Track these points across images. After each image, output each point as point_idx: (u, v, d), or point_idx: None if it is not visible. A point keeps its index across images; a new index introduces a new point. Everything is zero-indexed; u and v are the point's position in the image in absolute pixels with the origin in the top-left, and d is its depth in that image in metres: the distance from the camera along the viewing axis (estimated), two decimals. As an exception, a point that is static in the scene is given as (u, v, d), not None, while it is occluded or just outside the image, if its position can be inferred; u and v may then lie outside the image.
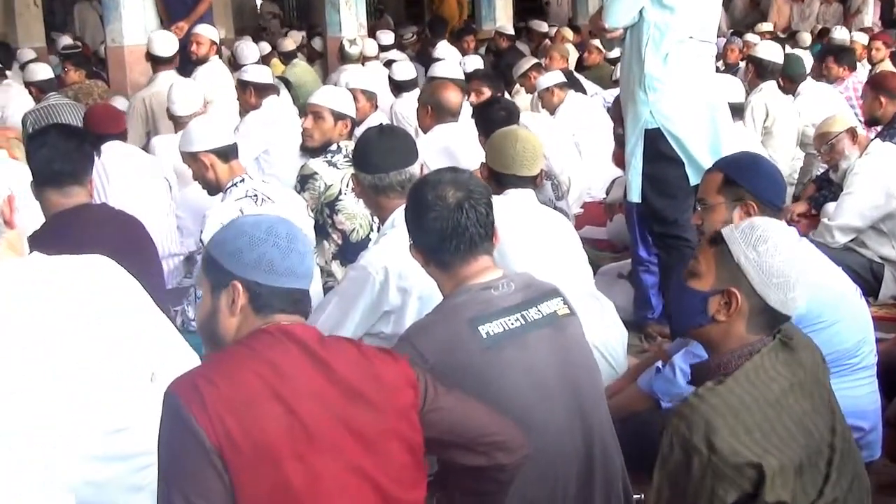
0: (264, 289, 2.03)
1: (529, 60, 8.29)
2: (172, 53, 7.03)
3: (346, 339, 2.19)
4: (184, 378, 1.95)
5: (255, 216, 2.13)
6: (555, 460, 2.40)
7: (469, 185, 2.51)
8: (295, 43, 10.83)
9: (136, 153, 5.03)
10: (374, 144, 3.21)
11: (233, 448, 1.85)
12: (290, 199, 4.19)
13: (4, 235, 2.25)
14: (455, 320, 2.40)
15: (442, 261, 2.50)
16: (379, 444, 2.01)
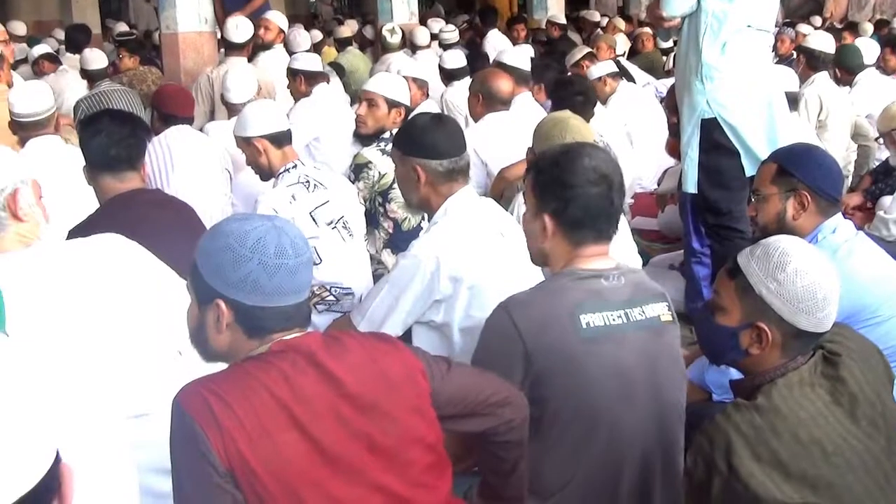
0: (252, 309, 1.93)
1: (582, 50, 8.23)
2: (245, 40, 7.06)
3: (348, 336, 2.09)
4: (193, 390, 1.88)
5: (244, 223, 1.97)
6: (621, 458, 2.39)
7: (619, 169, 2.52)
8: (351, 30, 10.87)
9: (202, 140, 5.05)
10: (437, 130, 3.16)
11: (248, 474, 1.82)
12: (342, 185, 4.20)
13: (12, 228, 2.27)
14: (559, 303, 2.38)
15: (576, 236, 2.47)
16: (400, 454, 1.98)
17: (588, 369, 2.34)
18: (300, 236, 1.98)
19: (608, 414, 2.36)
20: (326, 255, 3.99)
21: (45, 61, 7.94)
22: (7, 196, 2.27)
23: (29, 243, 2.31)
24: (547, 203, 2.48)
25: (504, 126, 5.33)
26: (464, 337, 3.02)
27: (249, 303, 1.92)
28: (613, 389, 2.36)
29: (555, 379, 2.34)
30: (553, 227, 2.48)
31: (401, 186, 3.27)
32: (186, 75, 7.64)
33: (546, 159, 2.52)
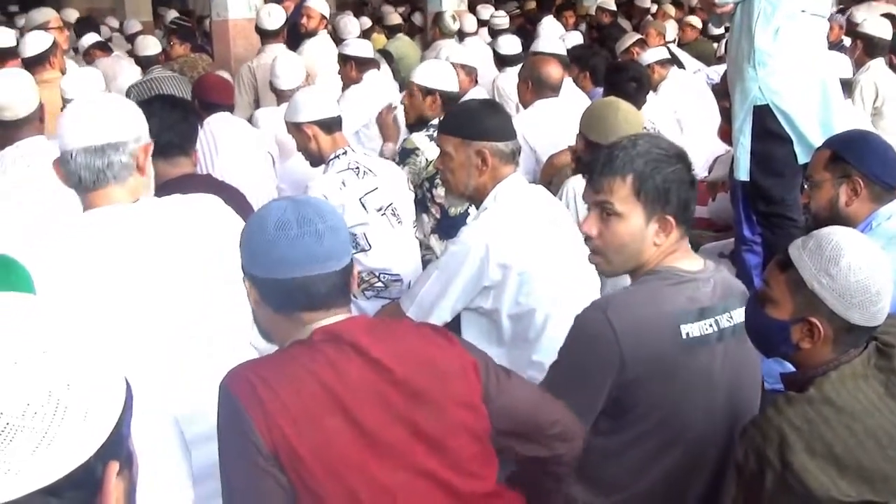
0: (265, 281, 1.94)
1: (632, 36, 8.17)
2: (279, 27, 7.09)
3: (399, 324, 2.09)
4: (240, 374, 1.89)
5: (269, 203, 2.01)
6: (694, 465, 2.37)
7: None
8: (400, 17, 10.88)
9: (243, 126, 5.09)
10: (494, 113, 3.15)
11: (293, 457, 1.82)
12: (391, 172, 4.20)
13: (130, 181, 2.32)
14: (660, 310, 2.29)
15: (678, 233, 2.39)
16: (446, 441, 1.96)
17: (681, 380, 2.29)
18: (321, 205, 1.97)
19: (691, 423, 2.32)
20: (375, 242, 4.01)
21: (96, 50, 8.03)
22: (141, 147, 2.32)
23: (137, 199, 2.35)
24: (659, 207, 2.35)
25: (553, 112, 5.31)
26: (512, 323, 3.02)
27: (262, 275, 1.94)
28: (700, 400, 2.32)
29: (646, 387, 2.28)
30: (670, 228, 2.36)
31: (454, 176, 3.13)
32: (236, 62, 7.70)
33: (646, 165, 2.34)
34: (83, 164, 2.28)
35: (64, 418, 0.96)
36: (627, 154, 2.35)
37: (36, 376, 0.96)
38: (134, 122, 2.33)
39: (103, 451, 1.00)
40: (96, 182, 2.29)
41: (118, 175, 2.29)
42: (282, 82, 5.79)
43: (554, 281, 3.00)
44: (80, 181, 2.30)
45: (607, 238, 2.39)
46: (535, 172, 5.04)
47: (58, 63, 5.66)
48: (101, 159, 2.27)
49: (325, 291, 1.93)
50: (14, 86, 4.02)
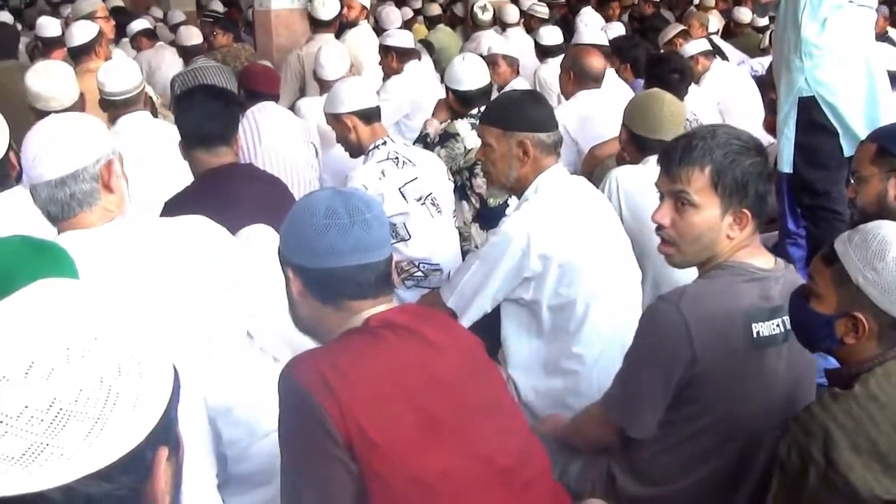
0: (310, 271, 1.95)
1: (675, 27, 8.09)
2: (333, 17, 7.09)
3: (440, 312, 2.13)
4: (306, 362, 1.90)
5: (310, 195, 2.02)
6: (748, 465, 2.36)
7: None
8: (440, 8, 10.87)
9: (287, 115, 5.10)
10: (536, 103, 3.13)
11: (365, 444, 1.82)
12: (432, 162, 4.20)
13: (100, 202, 2.30)
14: (733, 306, 2.28)
15: (754, 227, 2.36)
16: (500, 427, 1.98)
17: (746, 378, 2.28)
18: (365, 196, 1.98)
19: (749, 422, 2.31)
20: (415, 232, 4.01)
21: (143, 37, 8.08)
22: (102, 166, 2.30)
23: (112, 217, 2.34)
24: (736, 200, 2.32)
25: (595, 104, 5.28)
26: (552, 314, 3.01)
27: (309, 264, 1.95)
28: (761, 399, 2.31)
29: (711, 383, 2.27)
30: (746, 222, 2.33)
31: (496, 167, 3.10)
32: (278, 52, 7.72)
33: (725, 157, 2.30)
34: (48, 199, 2.28)
35: (115, 404, 0.97)
36: (706, 145, 2.32)
37: (88, 362, 0.97)
38: (91, 145, 2.29)
39: (153, 437, 1.01)
40: (63, 213, 2.29)
41: (84, 202, 2.28)
42: (326, 72, 5.79)
43: (595, 272, 2.99)
44: (50, 214, 2.30)
45: (681, 228, 2.36)
46: (576, 164, 5.02)
47: (103, 52, 5.70)
48: (63, 191, 2.26)
49: (373, 280, 1.95)
50: (60, 77, 4.08)
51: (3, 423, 0.92)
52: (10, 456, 0.92)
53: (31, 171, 2.27)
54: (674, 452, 2.38)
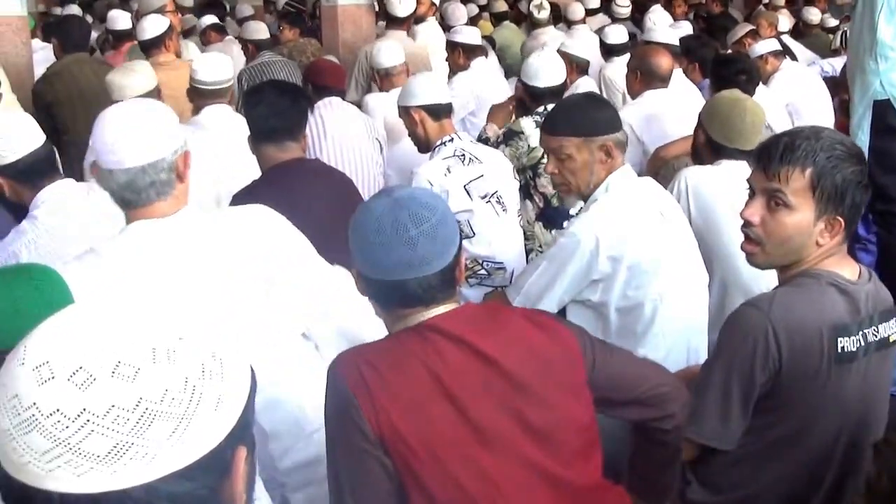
0: (370, 280, 1.97)
1: (744, 27, 8.00)
2: (408, 14, 7.11)
3: (502, 311, 2.09)
4: (348, 359, 1.94)
5: (369, 201, 2.02)
6: (818, 481, 2.32)
7: None
8: (506, 4, 10.85)
9: (353, 111, 5.13)
10: (603, 106, 3.12)
11: (400, 444, 1.84)
12: (497, 160, 4.19)
13: (173, 193, 2.32)
14: (821, 318, 2.23)
15: (845, 236, 2.30)
16: (553, 434, 1.95)
17: (826, 393, 2.24)
18: (420, 209, 1.93)
19: (823, 438, 2.27)
20: (480, 230, 4.00)
21: (212, 32, 8.16)
22: (179, 157, 2.33)
23: (179, 206, 2.37)
24: (833, 206, 2.25)
25: (662, 104, 5.22)
26: (620, 317, 2.99)
27: (361, 271, 1.97)
28: (836, 415, 2.27)
29: (792, 396, 2.24)
30: (838, 230, 2.28)
31: (576, 177, 3.04)
32: (344, 47, 7.75)
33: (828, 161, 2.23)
34: (125, 185, 2.29)
35: (199, 404, 0.98)
36: (810, 146, 2.25)
37: (173, 362, 0.98)
38: (171, 135, 2.32)
39: (233, 437, 1.02)
40: (139, 201, 2.31)
41: (161, 191, 2.30)
42: (382, 57, 5.81)
43: (663, 274, 2.96)
44: (123, 200, 2.32)
45: (770, 228, 2.29)
46: (641, 164, 4.97)
47: (173, 46, 5.78)
48: (143, 179, 2.28)
49: (420, 293, 1.94)
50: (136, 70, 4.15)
51: (90, 422, 0.93)
52: (95, 454, 0.93)
53: (107, 156, 2.27)
54: (745, 463, 2.34)
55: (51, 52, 6.48)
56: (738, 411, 2.27)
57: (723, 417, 2.29)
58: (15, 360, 0.97)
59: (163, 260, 2.30)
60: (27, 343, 0.98)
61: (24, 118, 3.23)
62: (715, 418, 2.30)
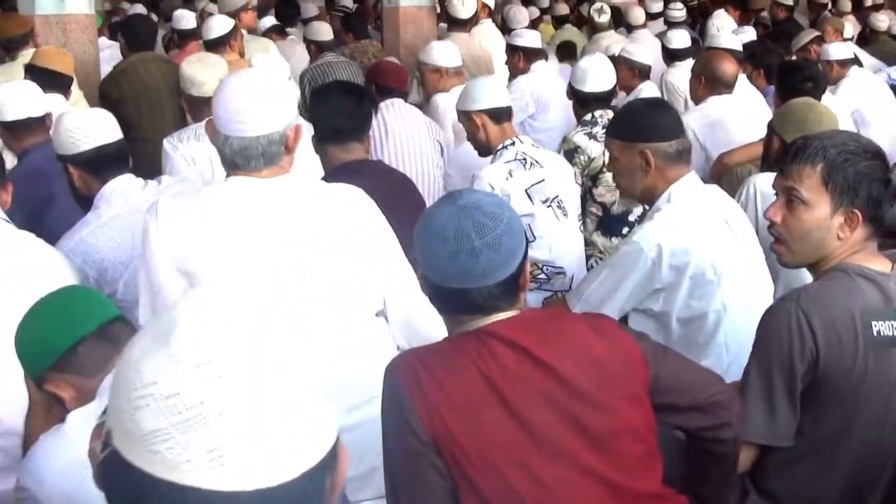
0: (430, 284, 1.99)
1: (810, 33, 7.89)
2: (470, 16, 7.10)
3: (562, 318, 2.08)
4: (406, 360, 1.95)
5: (434, 209, 2.03)
6: (868, 481, 2.30)
7: None
8: (568, 7, 10.81)
9: (414, 112, 5.14)
10: (658, 111, 3.10)
11: (453, 447, 1.84)
12: (559, 164, 4.18)
13: (280, 162, 2.44)
14: (852, 304, 2.25)
15: (866, 231, 2.34)
16: (611, 442, 1.93)
17: (866, 380, 2.23)
18: (484, 218, 1.92)
19: (871, 429, 2.26)
20: (540, 234, 3.99)
21: (273, 33, 8.22)
22: (290, 129, 2.43)
23: (282, 173, 2.47)
24: (847, 199, 2.29)
25: (726, 110, 5.17)
26: (682, 327, 2.97)
27: (425, 273, 1.98)
28: (882, 402, 2.25)
29: (834, 384, 2.23)
30: (856, 223, 2.30)
31: (623, 178, 3.10)
32: (405, 49, 7.77)
33: (839, 156, 2.29)
34: (238, 151, 2.41)
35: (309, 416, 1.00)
36: (822, 143, 2.32)
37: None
38: (287, 110, 2.44)
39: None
40: (247, 166, 2.42)
41: (270, 160, 2.43)
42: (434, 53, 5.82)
43: (727, 285, 2.93)
44: (233, 164, 2.44)
45: (791, 225, 2.35)
46: (704, 170, 4.92)
47: (237, 46, 5.83)
48: (256, 148, 2.40)
49: (481, 302, 1.94)
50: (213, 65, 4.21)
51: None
52: None
53: (228, 124, 2.39)
54: (799, 468, 2.33)
55: (117, 51, 6.58)
56: (785, 404, 2.28)
57: (769, 413, 2.30)
58: (164, 356, 0.95)
59: (253, 215, 2.41)
60: (177, 339, 0.96)
61: (104, 114, 3.32)
62: (761, 415, 2.31)
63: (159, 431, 0.93)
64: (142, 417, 0.93)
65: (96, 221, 3.14)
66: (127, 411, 0.95)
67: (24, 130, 3.91)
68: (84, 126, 3.14)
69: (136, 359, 0.97)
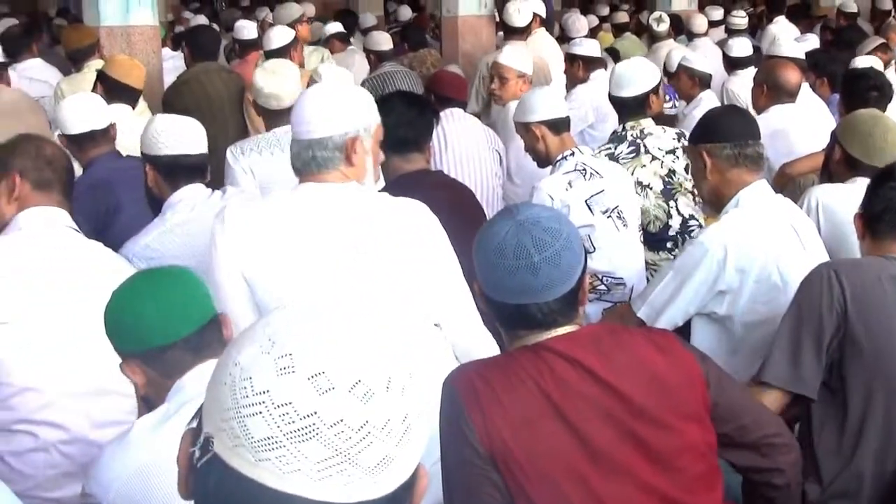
0: (488, 299, 2.00)
1: (874, 41, 7.76)
2: (526, 24, 7.09)
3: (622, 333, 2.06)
4: (464, 373, 1.95)
5: (492, 224, 2.03)
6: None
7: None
8: (627, 15, 10.77)
9: (474, 122, 5.15)
10: (724, 114, 3.14)
11: (510, 461, 1.83)
12: (619, 174, 4.15)
13: (339, 168, 2.49)
14: (884, 270, 2.48)
15: (877, 232, 2.59)
16: (672, 460, 1.92)
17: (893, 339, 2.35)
18: (543, 233, 1.93)
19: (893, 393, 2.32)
20: (600, 244, 3.97)
21: (336, 40, 8.29)
22: (348, 139, 2.47)
23: (346, 181, 2.51)
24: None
25: (789, 119, 5.11)
26: (746, 332, 2.95)
27: (483, 289, 1.99)
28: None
29: (864, 335, 2.35)
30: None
31: (695, 182, 3.25)
32: (464, 58, 7.79)
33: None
34: (295, 155, 2.52)
35: (429, 419, 1.02)
36: None
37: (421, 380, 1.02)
38: (344, 119, 2.48)
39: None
40: (305, 170, 2.52)
41: (322, 165, 2.49)
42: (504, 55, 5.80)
43: (793, 290, 2.89)
44: (294, 168, 2.55)
45: None
46: (766, 181, 4.86)
47: (297, 57, 5.88)
48: (308, 152, 2.48)
49: (540, 317, 1.95)
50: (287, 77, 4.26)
51: (371, 434, 0.95)
52: (367, 465, 0.95)
53: (297, 127, 2.51)
54: (835, 432, 2.44)
55: (180, 61, 6.67)
56: (811, 355, 2.44)
57: (793, 362, 2.45)
58: (276, 366, 0.97)
59: (317, 221, 2.46)
60: (289, 350, 0.98)
61: (195, 125, 3.36)
62: (786, 361, 2.47)
63: (270, 440, 0.94)
64: (253, 425, 0.95)
65: (162, 227, 3.20)
66: (236, 419, 0.96)
67: (88, 142, 3.96)
68: (170, 132, 3.22)
69: (245, 367, 0.98)
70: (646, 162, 4.31)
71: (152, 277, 2.08)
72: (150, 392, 2.04)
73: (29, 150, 2.91)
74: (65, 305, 2.69)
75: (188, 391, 1.93)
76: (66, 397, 2.67)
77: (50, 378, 2.66)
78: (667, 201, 4.29)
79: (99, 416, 2.69)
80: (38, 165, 2.87)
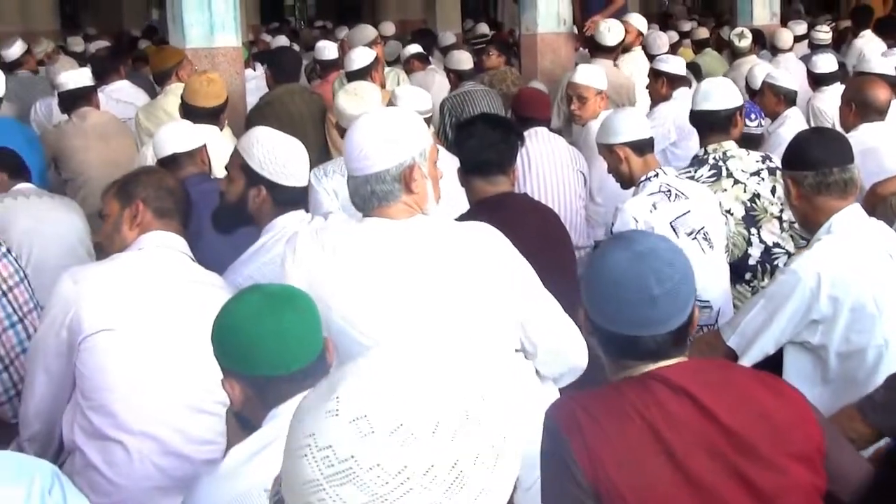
0: (598, 328, 1.96)
1: (965, 54, 7.56)
2: (616, 43, 7.05)
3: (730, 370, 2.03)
4: (566, 405, 1.93)
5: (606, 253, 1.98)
6: None
7: None
8: (707, 31, 10.66)
9: (558, 142, 5.12)
10: (811, 140, 3.09)
11: (614, 496, 1.80)
12: (703, 195, 4.08)
13: (402, 198, 2.45)
14: None
15: None
16: (775, 499, 1.87)
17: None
18: (662, 265, 1.89)
19: None
20: (686, 267, 3.91)
21: (416, 60, 8.33)
22: (405, 169, 2.43)
23: (412, 213, 2.48)
24: None
25: (879, 137, 5.00)
26: (840, 361, 2.89)
27: (594, 319, 1.96)
28: None
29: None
30: None
31: (787, 204, 3.24)
32: (543, 75, 7.76)
33: None
34: (353, 192, 2.49)
35: (498, 469, 0.99)
36: None
37: (483, 427, 0.99)
38: (396, 150, 2.43)
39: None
40: (366, 207, 2.48)
41: (384, 199, 2.44)
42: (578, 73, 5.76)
43: (890, 319, 2.85)
44: (355, 205, 2.53)
45: None
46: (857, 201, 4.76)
47: (378, 77, 5.91)
48: (365, 188, 2.45)
49: (654, 349, 1.92)
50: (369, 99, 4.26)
51: (410, 480, 0.93)
52: None
53: (352, 163, 2.46)
54: None
55: (262, 82, 6.75)
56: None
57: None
58: (324, 409, 0.97)
59: (387, 257, 2.43)
60: (339, 394, 0.98)
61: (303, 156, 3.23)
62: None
63: (313, 482, 0.94)
64: (300, 467, 0.96)
65: (264, 257, 3.08)
66: (290, 460, 0.97)
67: (171, 165, 4.01)
68: (297, 163, 3.10)
69: (303, 409, 1.00)
70: (727, 186, 4.22)
71: (274, 301, 2.02)
72: (245, 411, 2.04)
73: (152, 180, 3.02)
74: (172, 322, 2.73)
75: (283, 419, 1.93)
76: (165, 411, 2.70)
77: (151, 390, 2.70)
78: (748, 228, 4.21)
79: (194, 432, 2.72)
80: (160, 195, 2.96)
